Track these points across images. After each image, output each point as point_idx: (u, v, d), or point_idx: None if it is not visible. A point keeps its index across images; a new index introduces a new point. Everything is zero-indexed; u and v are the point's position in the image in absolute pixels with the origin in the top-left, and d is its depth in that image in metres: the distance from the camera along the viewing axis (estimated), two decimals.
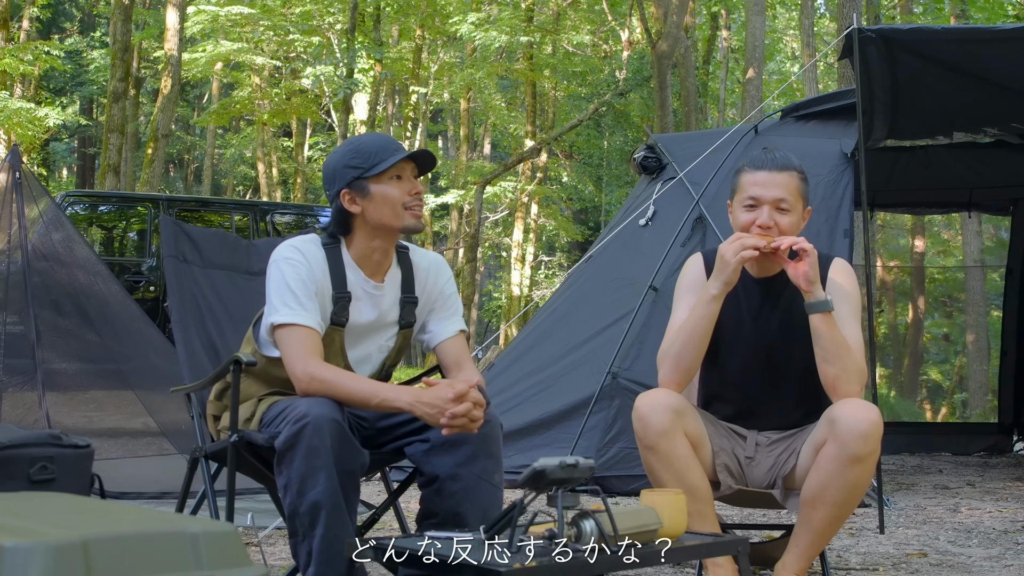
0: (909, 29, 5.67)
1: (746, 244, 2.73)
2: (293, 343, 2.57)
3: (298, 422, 2.42)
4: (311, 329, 2.60)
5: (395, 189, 2.67)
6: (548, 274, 24.97)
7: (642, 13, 16.74)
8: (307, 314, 2.60)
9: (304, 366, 2.53)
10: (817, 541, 2.77)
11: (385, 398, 2.51)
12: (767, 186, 2.83)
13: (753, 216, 2.83)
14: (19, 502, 1.89)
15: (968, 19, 16.59)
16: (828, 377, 2.74)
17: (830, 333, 2.70)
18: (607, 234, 6.42)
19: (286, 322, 2.59)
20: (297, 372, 2.54)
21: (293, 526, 2.46)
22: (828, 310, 2.70)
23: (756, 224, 2.81)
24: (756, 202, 2.83)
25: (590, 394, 5.36)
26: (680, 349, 2.79)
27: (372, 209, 2.67)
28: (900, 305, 19.26)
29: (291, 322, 2.58)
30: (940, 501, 5.19)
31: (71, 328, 5.55)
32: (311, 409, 2.44)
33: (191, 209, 11.03)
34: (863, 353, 2.80)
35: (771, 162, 2.87)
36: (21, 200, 5.49)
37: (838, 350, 2.70)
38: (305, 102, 20.20)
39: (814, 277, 2.71)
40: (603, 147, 21.14)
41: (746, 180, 2.87)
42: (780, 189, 2.83)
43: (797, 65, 26.34)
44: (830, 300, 2.71)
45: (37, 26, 21.79)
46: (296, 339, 2.57)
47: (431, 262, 2.86)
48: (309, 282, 2.63)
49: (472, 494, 2.56)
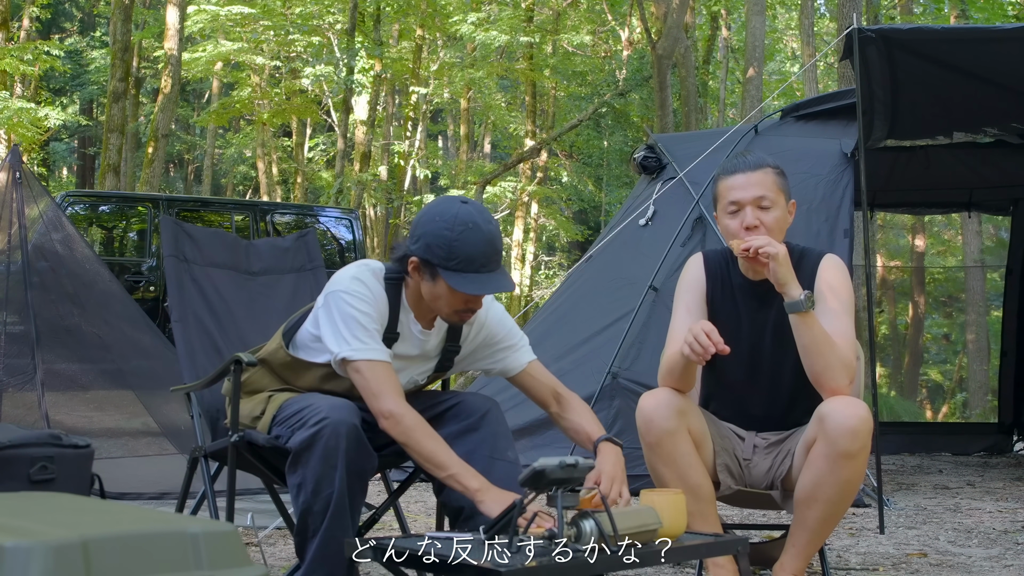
0: (909, 29, 5.68)
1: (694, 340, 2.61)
2: (373, 380, 2.55)
3: (316, 424, 2.44)
4: (388, 365, 2.59)
5: (455, 297, 2.57)
6: (548, 274, 24.97)
7: (642, 13, 16.74)
8: (380, 348, 2.60)
9: (390, 405, 2.52)
10: (813, 540, 2.77)
11: (456, 474, 2.45)
12: (745, 187, 2.85)
13: (738, 220, 2.85)
14: (19, 502, 1.88)
15: (968, 19, 16.59)
16: (813, 374, 2.75)
17: (809, 332, 2.70)
18: (607, 234, 6.42)
19: (365, 358, 2.56)
20: (381, 409, 2.52)
21: (304, 524, 2.47)
22: (802, 311, 2.69)
23: (743, 227, 2.83)
24: (738, 205, 2.86)
25: (590, 394, 5.36)
26: (667, 378, 2.81)
27: (428, 290, 2.60)
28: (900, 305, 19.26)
29: (368, 358, 2.56)
30: (940, 501, 5.19)
31: (71, 328, 5.55)
32: (331, 413, 2.45)
33: (191, 209, 11.03)
34: (853, 347, 2.80)
35: (744, 164, 2.90)
36: (21, 200, 5.49)
37: (818, 347, 2.71)
38: (305, 102, 20.20)
39: (783, 278, 2.70)
40: (603, 147, 21.14)
41: (724, 186, 2.90)
42: (757, 187, 2.85)
43: (797, 65, 26.35)
44: (805, 300, 2.69)
45: (37, 26, 21.79)
46: (375, 375, 2.55)
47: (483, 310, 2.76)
48: (375, 316, 2.62)
49: (490, 477, 2.53)
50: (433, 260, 2.53)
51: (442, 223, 2.53)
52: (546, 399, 2.78)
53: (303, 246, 3.55)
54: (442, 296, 2.57)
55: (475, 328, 2.79)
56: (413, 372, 2.78)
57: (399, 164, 21.53)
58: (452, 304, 2.58)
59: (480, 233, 2.53)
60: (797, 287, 2.71)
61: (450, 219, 2.53)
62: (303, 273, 3.51)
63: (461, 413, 2.67)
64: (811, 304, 2.70)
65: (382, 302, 2.65)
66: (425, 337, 2.74)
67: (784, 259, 2.71)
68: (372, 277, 2.66)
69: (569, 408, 2.76)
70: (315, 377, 2.74)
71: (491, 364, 2.84)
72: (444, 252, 2.51)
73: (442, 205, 2.59)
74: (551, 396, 2.78)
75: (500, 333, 2.80)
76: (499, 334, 2.80)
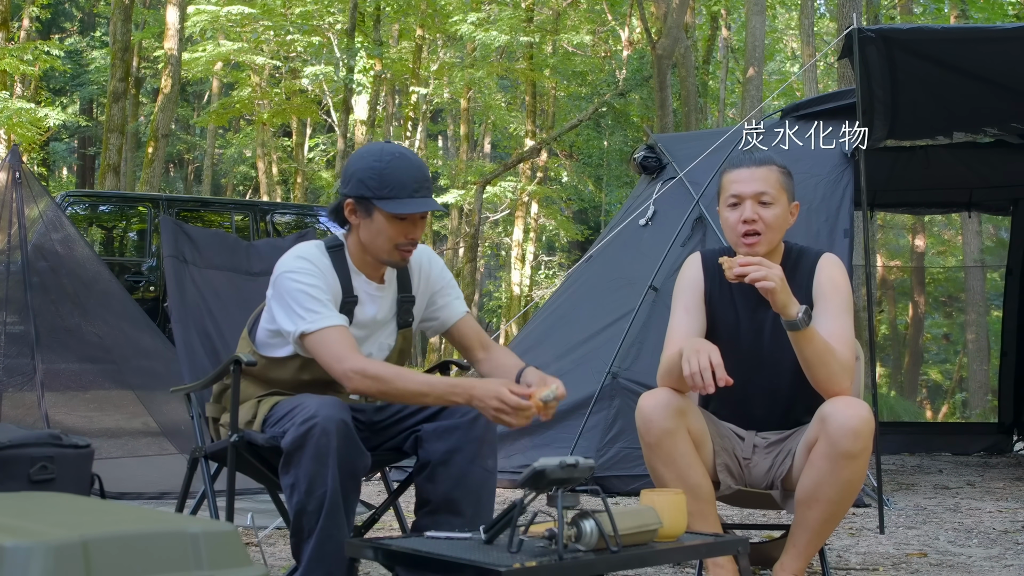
0: (909, 29, 5.68)
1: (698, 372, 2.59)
2: (331, 345, 2.57)
3: (306, 423, 2.44)
4: (344, 327, 2.61)
5: (394, 227, 2.64)
6: (548, 274, 24.96)
7: (642, 13, 16.73)
8: (334, 315, 2.61)
9: (352, 364, 2.53)
10: (814, 540, 2.77)
11: (441, 394, 2.50)
12: (747, 182, 2.87)
13: (738, 213, 2.86)
14: (19, 502, 1.89)
15: (968, 19, 16.59)
16: (815, 382, 2.77)
17: (810, 345, 2.69)
18: (607, 234, 6.41)
19: (318, 327, 2.58)
20: (345, 370, 2.53)
21: (299, 524, 2.47)
22: (800, 329, 2.67)
23: (741, 220, 2.84)
24: (738, 199, 2.87)
25: (590, 394, 5.36)
26: (666, 378, 2.81)
27: (366, 231, 2.66)
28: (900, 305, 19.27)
29: (322, 326, 2.58)
30: (940, 501, 5.19)
31: (71, 328, 5.54)
32: (320, 410, 2.45)
33: (191, 209, 11.02)
34: (853, 348, 2.80)
35: (750, 159, 2.93)
36: (21, 200, 5.49)
37: (820, 357, 2.71)
38: (305, 102, 20.19)
39: (782, 303, 2.66)
40: (603, 147, 21.13)
41: (727, 179, 2.92)
42: (760, 183, 2.86)
43: (797, 65, 26.34)
44: (802, 319, 2.66)
45: (37, 26, 21.78)
46: (334, 340, 2.57)
47: (422, 256, 2.85)
48: (324, 287, 2.64)
49: (465, 479, 2.58)
50: (366, 194, 2.61)
51: (370, 157, 2.64)
52: (475, 348, 2.83)
53: None
54: (382, 231, 2.63)
55: (422, 276, 2.84)
56: (380, 336, 2.80)
57: None
58: (392, 238, 2.64)
59: (408, 160, 2.65)
60: (795, 305, 2.67)
61: (377, 152, 2.65)
62: None
63: (455, 412, 2.68)
64: (808, 320, 2.68)
65: (330, 273, 2.68)
66: (381, 293, 2.77)
67: (782, 286, 2.66)
68: (315, 250, 2.70)
69: (494, 352, 2.83)
70: (292, 370, 2.75)
71: (433, 315, 2.88)
72: (376, 182, 2.60)
73: (368, 146, 2.72)
74: (479, 346, 2.83)
75: (442, 282, 2.87)
76: (441, 283, 2.87)
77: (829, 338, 2.76)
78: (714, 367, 2.57)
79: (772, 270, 2.65)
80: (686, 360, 2.61)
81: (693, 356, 2.60)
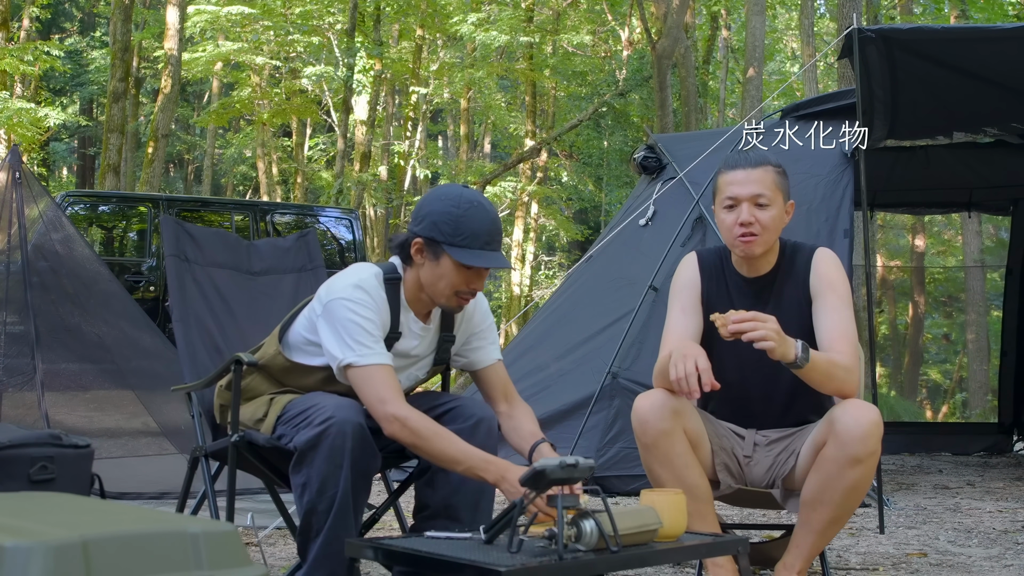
0: (909, 29, 5.68)
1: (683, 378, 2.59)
2: (377, 385, 2.55)
3: (322, 424, 2.45)
4: (390, 368, 2.59)
5: (459, 275, 2.60)
6: (548, 274, 24.96)
7: (642, 13, 16.73)
8: (383, 353, 2.60)
9: (395, 410, 2.51)
10: (817, 542, 2.77)
11: (473, 466, 2.46)
12: (743, 184, 2.86)
13: (734, 216, 2.85)
14: (19, 502, 1.89)
15: (968, 19, 16.59)
16: (826, 393, 2.79)
17: (813, 372, 2.67)
18: (607, 234, 6.41)
19: (366, 363, 2.56)
20: (387, 413, 2.51)
21: (308, 523, 2.48)
22: (802, 367, 2.65)
23: (737, 223, 2.83)
24: (735, 201, 2.86)
25: (590, 394, 5.36)
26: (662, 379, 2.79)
27: (430, 272, 2.63)
28: (900, 305, 19.26)
29: (371, 363, 2.56)
30: (940, 501, 5.19)
31: (71, 328, 5.55)
32: (337, 412, 2.46)
33: (191, 209, 11.02)
34: (853, 342, 2.79)
35: (745, 160, 2.91)
36: (21, 200, 5.49)
37: (825, 376, 2.70)
38: (305, 102, 20.19)
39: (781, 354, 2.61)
40: (603, 147, 21.13)
41: (723, 180, 2.91)
42: (756, 185, 2.85)
43: (797, 65, 26.34)
44: (801, 357, 2.62)
45: (37, 26, 21.78)
46: (380, 381, 2.55)
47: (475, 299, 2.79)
48: (377, 321, 2.62)
49: (463, 485, 2.58)
50: (439, 238, 2.57)
51: (448, 201, 2.59)
52: (498, 397, 2.81)
53: (304, 246, 3.56)
54: (445, 276, 2.60)
55: (466, 318, 2.82)
56: (414, 368, 2.80)
57: (399, 164, 21.53)
58: (454, 284, 2.61)
59: (485, 211, 2.60)
60: (792, 348, 2.62)
61: (455, 197, 2.60)
62: (304, 273, 3.51)
63: (458, 417, 2.68)
64: (808, 356, 2.64)
65: (384, 307, 2.65)
66: (424, 332, 2.76)
67: (780, 339, 2.61)
68: (374, 282, 2.66)
69: (516, 409, 2.80)
70: (316, 380, 2.74)
71: (465, 354, 2.85)
72: (451, 228, 2.56)
73: (445, 188, 2.66)
74: (503, 395, 2.81)
75: (483, 326, 2.85)
76: (482, 326, 2.85)
77: (830, 335, 2.76)
78: (700, 372, 2.57)
79: (767, 324, 2.59)
80: (672, 365, 2.61)
81: (680, 361, 2.60)
